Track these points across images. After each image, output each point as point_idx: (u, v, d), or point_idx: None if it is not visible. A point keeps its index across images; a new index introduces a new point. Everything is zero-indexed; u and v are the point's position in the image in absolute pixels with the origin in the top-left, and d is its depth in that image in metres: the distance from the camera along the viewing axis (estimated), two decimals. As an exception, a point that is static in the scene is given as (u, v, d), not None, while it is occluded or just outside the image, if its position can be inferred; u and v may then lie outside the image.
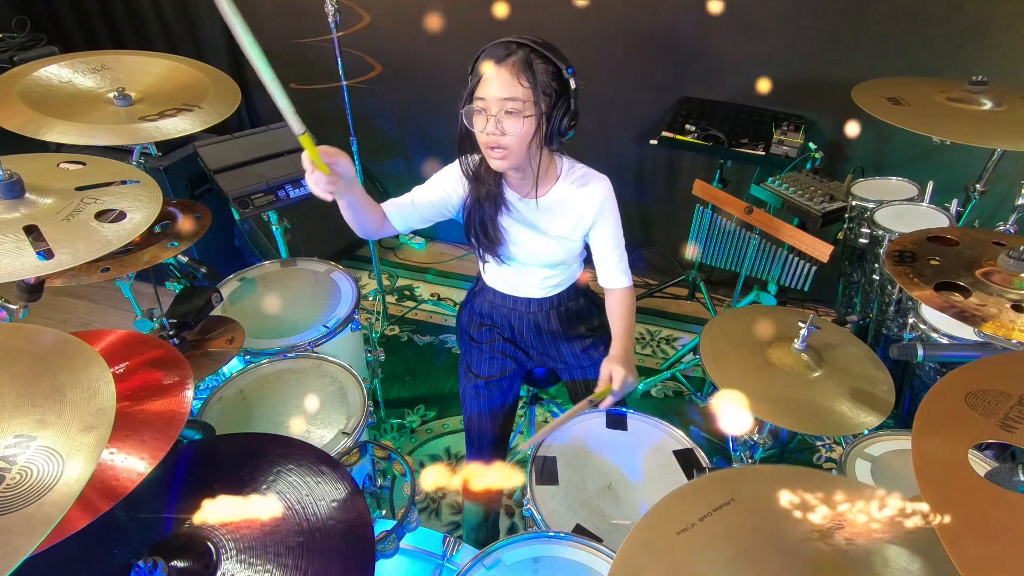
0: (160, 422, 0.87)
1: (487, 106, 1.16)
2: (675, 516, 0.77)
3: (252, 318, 1.71)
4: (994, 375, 0.77)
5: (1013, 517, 0.59)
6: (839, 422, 1.17)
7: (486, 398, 1.51)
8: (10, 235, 0.95)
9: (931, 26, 2.06)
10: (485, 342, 1.52)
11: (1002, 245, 1.15)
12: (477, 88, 1.16)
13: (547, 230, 1.38)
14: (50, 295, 1.53)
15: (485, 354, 1.52)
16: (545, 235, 1.38)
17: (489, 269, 1.51)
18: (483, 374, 1.51)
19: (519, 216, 1.37)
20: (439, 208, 1.36)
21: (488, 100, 1.16)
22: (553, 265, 1.44)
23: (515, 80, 1.14)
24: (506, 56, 1.14)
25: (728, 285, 2.89)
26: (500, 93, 1.14)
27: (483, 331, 1.53)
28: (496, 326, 1.57)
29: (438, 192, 1.35)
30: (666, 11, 2.32)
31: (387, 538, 1.11)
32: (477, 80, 1.16)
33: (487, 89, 1.15)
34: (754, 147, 2.21)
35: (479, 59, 1.17)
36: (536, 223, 1.37)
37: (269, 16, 2.82)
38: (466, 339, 1.57)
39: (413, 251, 3.30)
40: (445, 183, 1.36)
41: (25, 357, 0.74)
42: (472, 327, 1.56)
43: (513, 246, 1.40)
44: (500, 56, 1.14)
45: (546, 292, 1.51)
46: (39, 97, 1.44)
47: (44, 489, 0.60)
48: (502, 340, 1.53)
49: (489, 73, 1.14)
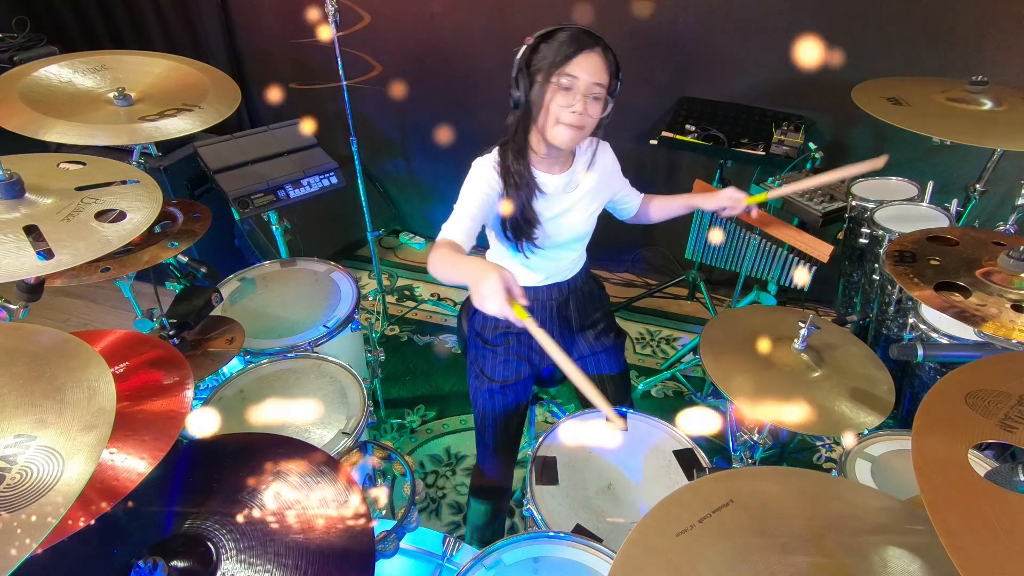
0: (160, 422, 0.87)
1: (576, 85, 1.21)
2: (675, 517, 0.77)
3: (252, 318, 1.71)
4: (994, 375, 0.77)
5: (1013, 517, 0.59)
6: (839, 422, 1.17)
7: (501, 402, 1.51)
8: (10, 235, 0.95)
9: (931, 26, 2.06)
10: (500, 345, 1.51)
11: (1002, 245, 1.15)
12: (566, 65, 1.20)
13: (577, 202, 1.40)
14: (50, 295, 1.53)
15: (500, 357, 1.51)
16: (575, 208, 1.41)
17: (516, 264, 1.48)
18: (498, 378, 1.50)
19: (551, 195, 1.37)
20: (487, 211, 1.33)
21: (580, 80, 1.20)
22: (582, 238, 1.48)
23: (604, 68, 1.22)
24: (594, 44, 1.21)
25: (728, 285, 2.89)
26: (592, 77, 1.20)
27: (499, 334, 1.52)
28: (512, 327, 1.55)
29: (480, 196, 1.31)
30: (666, 11, 2.32)
31: (387, 538, 1.11)
32: (564, 58, 1.20)
33: (578, 70, 1.20)
34: (754, 147, 2.21)
35: (559, 37, 1.21)
36: (566, 198, 1.39)
37: (269, 16, 2.82)
38: (479, 343, 1.54)
39: (413, 251, 3.30)
40: (481, 184, 1.32)
41: (25, 357, 0.74)
42: (487, 330, 1.53)
43: (548, 225, 1.39)
44: (590, 43, 1.20)
45: (571, 271, 1.52)
46: (39, 97, 1.44)
47: (44, 489, 0.60)
48: (517, 343, 1.52)
49: (583, 55, 1.20)
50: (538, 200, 1.35)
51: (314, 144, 2.15)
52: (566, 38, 1.21)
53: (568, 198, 1.39)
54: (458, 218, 1.28)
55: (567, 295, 1.53)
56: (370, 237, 2.45)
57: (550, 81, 1.21)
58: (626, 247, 1.55)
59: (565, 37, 1.21)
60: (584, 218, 1.43)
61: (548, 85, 1.22)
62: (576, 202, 1.40)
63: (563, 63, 1.20)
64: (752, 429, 1.42)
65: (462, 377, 2.48)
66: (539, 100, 1.24)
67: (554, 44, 1.21)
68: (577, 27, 1.23)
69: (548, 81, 1.21)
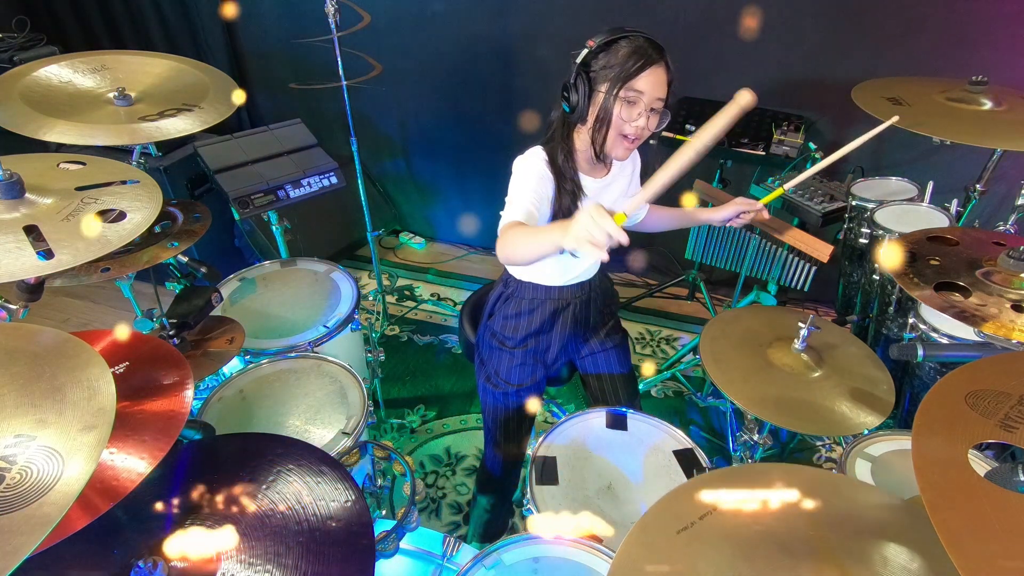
0: (160, 422, 0.87)
1: (640, 99, 1.18)
2: (675, 516, 0.77)
3: (252, 318, 1.71)
4: (994, 375, 0.77)
5: (1013, 517, 0.59)
6: (839, 422, 1.17)
7: (515, 403, 1.51)
8: (10, 235, 0.95)
9: (931, 26, 2.06)
10: (520, 347, 1.50)
11: (1002, 245, 1.15)
12: (634, 80, 1.16)
13: (615, 201, 1.39)
14: (50, 295, 1.53)
15: (517, 360, 1.49)
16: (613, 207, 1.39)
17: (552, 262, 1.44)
18: (515, 381, 1.49)
19: (590, 199, 1.34)
20: (542, 207, 1.28)
21: (646, 95, 1.17)
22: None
23: (666, 82, 1.19)
24: (660, 58, 1.17)
25: (728, 285, 2.89)
26: (656, 92, 1.18)
27: (519, 337, 1.49)
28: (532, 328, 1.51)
29: (537, 191, 1.26)
30: (666, 11, 2.32)
31: (387, 538, 1.11)
32: (633, 72, 1.16)
33: (645, 85, 1.16)
34: (754, 147, 2.21)
35: (624, 47, 1.16)
36: (605, 199, 1.38)
37: (269, 16, 2.82)
38: (494, 344, 1.52)
39: (413, 251, 3.30)
40: (537, 178, 1.26)
41: (25, 357, 0.74)
42: (507, 329, 1.51)
43: None
44: (656, 57, 1.16)
45: (595, 269, 1.51)
46: (39, 97, 1.44)
47: (44, 489, 0.60)
48: (536, 344, 1.51)
49: (650, 70, 1.16)
50: (582, 201, 1.32)
51: (314, 144, 2.16)
52: (634, 49, 1.16)
53: (608, 196, 1.38)
54: (518, 207, 1.20)
55: (589, 293, 1.52)
56: (370, 237, 2.45)
57: (616, 94, 1.17)
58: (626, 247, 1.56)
59: (632, 48, 1.16)
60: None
61: (614, 98, 1.17)
62: (611, 204, 1.39)
63: (631, 77, 1.16)
64: (752, 429, 1.42)
65: (462, 377, 2.48)
66: (603, 111, 1.19)
67: (620, 54, 1.16)
68: (643, 36, 1.18)
69: (614, 94, 1.17)
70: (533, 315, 1.49)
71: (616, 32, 1.18)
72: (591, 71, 1.19)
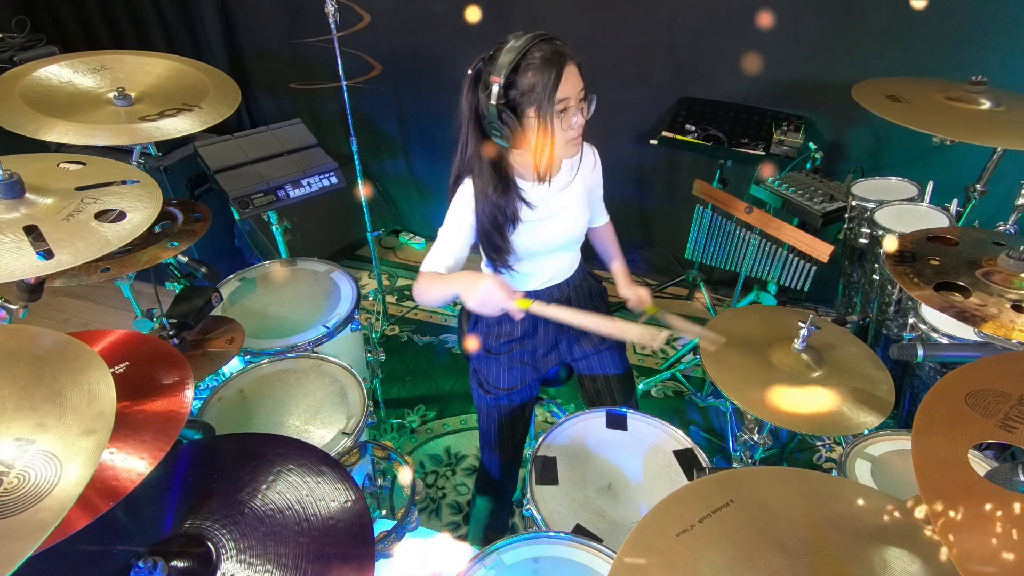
0: (160, 422, 0.87)
1: (570, 103, 1.18)
2: (675, 517, 0.77)
3: (252, 318, 1.71)
4: (994, 375, 0.77)
5: (1013, 517, 0.59)
6: (839, 422, 1.17)
7: (507, 407, 1.51)
8: (10, 235, 0.95)
9: (931, 26, 2.06)
10: (504, 353, 1.51)
11: (1002, 245, 1.15)
12: (557, 91, 1.14)
13: (569, 204, 1.39)
14: (50, 295, 1.53)
15: (504, 365, 1.50)
16: (568, 209, 1.39)
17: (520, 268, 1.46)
18: (504, 386, 1.49)
19: (540, 207, 1.35)
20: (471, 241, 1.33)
21: (572, 96, 1.17)
22: (576, 239, 1.47)
23: (578, 71, 1.17)
24: (563, 52, 1.15)
25: (728, 285, 2.89)
26: (578, 86, 1.17)
27: (502, 343, 1.50)
28: (513, 334, 1.52)
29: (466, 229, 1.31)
30: (666, 11, 2.32)
31: (387, 538, 1.11)
32: (552, 85, 1.13)
33: (567, 88, 1.15)
34: (754, 147, 2.21)
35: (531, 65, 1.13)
36: (555, 203, 1.37)
37: (269, 16, 2.82)
38: (481, 352, 1.53)
39: (413, 251, 3.30)
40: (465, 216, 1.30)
41: (26, 359, 0.74)
42: (490, 338, 1.51)
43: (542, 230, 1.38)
44: (559, 56, 1.14)
45: (569, 271, 1.51)
46: (39, 97, 1.44)
47: (41, 494, 0.60)
48: (521, 349, 1.51)
49: (565, 73, 1.15)
50: (524, 211, 1.33)
51: (314, 144, 2.16)
52: (540, 63, 1.13)
53: (560, 200, 1.37)
54: (439, 258, 1.26)
55: (568, 293, 1.52)
56: (370, 237, 2.45)
57: (549, 113, 1.15)
58: (626, 247, 1.55)
59: (539, 62, 1.13)
60: (575, 215, 1.41)
61: (549, 117, 1.16)
62: (565, 206, 1.38)
63: (554, 90, 1.14)
64: (752, 429, 1.42)
65: (462, 377, 2.48)
66: (542, 133, 1.18)
67: (529, 75, 1.13)
68: (533, 41, 1.14)
69: (548, 114, 1.15)
70: (513, 322, 1.49)
71: (509, 53, 1.14)
72: (512, 102, 1.16)
